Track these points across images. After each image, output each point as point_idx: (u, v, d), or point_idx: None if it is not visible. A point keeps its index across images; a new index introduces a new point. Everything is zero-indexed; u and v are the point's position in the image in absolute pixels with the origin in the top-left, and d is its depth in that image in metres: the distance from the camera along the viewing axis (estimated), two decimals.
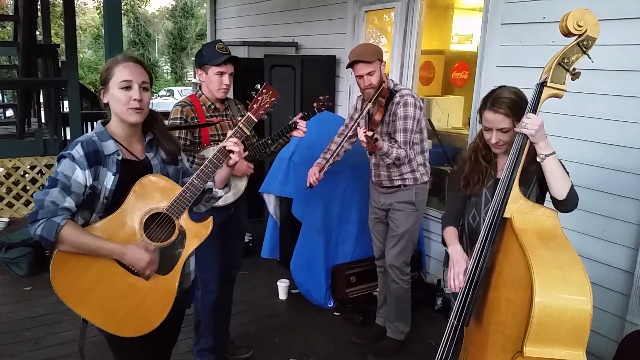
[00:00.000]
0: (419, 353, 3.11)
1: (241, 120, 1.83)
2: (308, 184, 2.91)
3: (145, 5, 29.00)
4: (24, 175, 5.63)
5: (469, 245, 1.97)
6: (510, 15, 3.26)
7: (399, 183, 2.94)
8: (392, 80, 2.97)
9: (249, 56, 5.39)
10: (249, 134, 1.85)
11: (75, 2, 6.57)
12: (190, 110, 2.54)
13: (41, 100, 7.43)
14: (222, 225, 2.57)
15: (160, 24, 29.45)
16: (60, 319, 3.36)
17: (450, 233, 2.00)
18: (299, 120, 2.65)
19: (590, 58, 1.73)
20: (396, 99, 2.83)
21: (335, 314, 3.61)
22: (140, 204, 1.68)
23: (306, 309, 3.65)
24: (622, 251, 2.77)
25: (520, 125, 1.72)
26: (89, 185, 1.62)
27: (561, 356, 1.52)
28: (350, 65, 2.82)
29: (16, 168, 5.53)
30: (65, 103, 6.47)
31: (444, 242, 2.04)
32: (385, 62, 2.88)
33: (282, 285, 3.80)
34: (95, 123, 1.83)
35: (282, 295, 3.80)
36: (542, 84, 1.73)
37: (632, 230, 2.72)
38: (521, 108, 1.78)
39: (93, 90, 10.03)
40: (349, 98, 4.71)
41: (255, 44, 5.58)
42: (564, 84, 1.72)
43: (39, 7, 6.84)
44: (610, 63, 2.67)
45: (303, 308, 3.67)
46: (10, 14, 10.82)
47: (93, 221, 1.67)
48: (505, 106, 1.82)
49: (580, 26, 1.67)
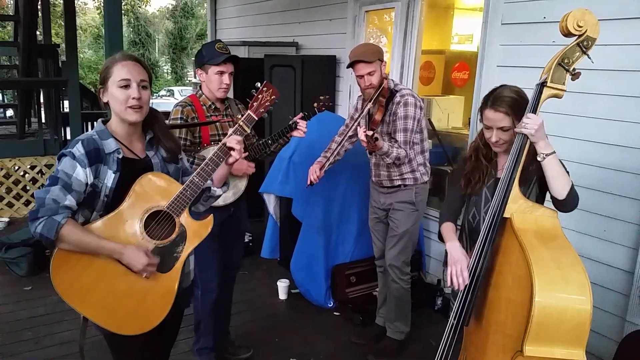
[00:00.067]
0: (419, 353, 3.11)
1: (241, 118, 1.83)
2: (309, 182, 2.91)
3: (145, 5, 29.02)
4: (24, 175, 5.64)
5: (469, 245, 1.97)
6: (510, 15, 3.26)
7: (399, 183, 2.95)
8: (393, 80, 2.97)
9: (249, 56, 5.39)
10: (249, 132, 1.84)
11: (75, 2, 6.57)
12: (191, 110, 2.54)
13: (41, 100, 7.42)
14: (222, 225, 2.57)
15: (161, 24, 29.45)
16: (60, 319, 3.36)
17: (448, 229, 2.00)
18: (299, 120, 2.65)
19: (590, 58, 1.73)
20: (396, 99, 2.83)
21: (335, 314, 3.61)
22: (141, 202, 1.68)
23: (306, 309, 3.65)
24: (622, 251, 2.77)
25: (520, 125, 1.72)
26: (89, 183, 1.62)
27: (561, 355, 1.53)
28: (351, 65, 2.82)
29: (16, 168, 5.53)
30: (66, 103, 6.47)
31: (440, 238, 2.04)
32: (385, 62, 2.88)
33: (282, 285, 3.80)
34: (95, 123, 1.83)
35: (282, 295, 3.80)
36: (542, 84, 1.73)
37: (632, 230, 2.72)
38: (522, 107, 1.78)
39: (93, 90, 10.02)
40: (349, 98, 4.71)
41: (255, 44, 5.58)
42: (564, 84, 1.72)
43: (39, 7, 6.84)
44: (611, 63, 2.67)
45: (303, 308, 3.67)
46: (11, 14, 10.81)
47: (93, 219, 1.67)
48: (506, 105, 1.82)
49: (580, 26, 1.68)
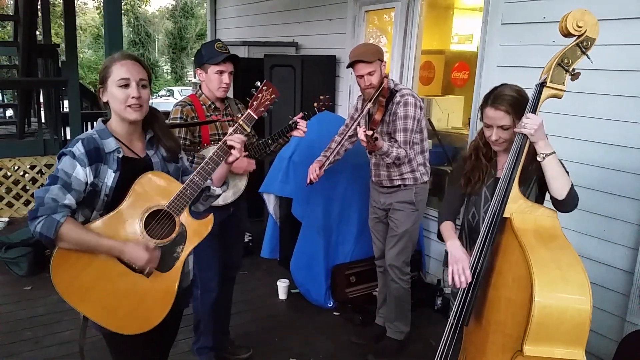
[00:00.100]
0: (418, 353, 3.11)
1: (241, 117, 1.83)
2: (308, 181, 2.90)
3: (145, 5, 29.01)
4: (23, 175, 5.63)
5: (469, 244, 1.97)
6: (510, 15, 3.26)
7: (399, 183, 2.95)
8: (393, 80, 2.97)
9: (249, 56, 5.39)
10: (249, 131, 1.84)
11: (75, 2, 6.56)
12: (190, 110, 2.54)
13: (41, 100, 7.42)
14: (222, 225, 2.56)
15: (160, 24, 29.44)
16: (59, 319, 3.36)
17: (448, 228, 1.99)
18: (299, 120, 2.65)
19: (589, 58, 1.73)
20: (396, 99, 2.83)
21: (335, 313, 3.61)
22: (141, 201, 1.68)
23: (306, 309, 3.65)
24: (622, 251, 2.77)
25: (520, 125, 1.72)
26: (89, 182, 1.62)
27: (561, 355, 1.53)
28: (351, 65, 2.82)
29: (16, 168, 5.53)
30: (65, 103, 6.47)
31: (439, 237, 2.04)
32: (385, 62, 2.88)
33: (282, 285, 3.80)
34: (95, 123, 1.83)
35: (282, 295, 3.80)
36: (542, 84, 1.73)
37: (632, 230, 2.72)
38: (522, 106, 1.78)
39: (93, 90, 10.02)
40: (349, 98, 4.71)
41: (255, 43, 5.58)
42: (563, 84, 1.73)
43: (39, 7, 6.84)
44: (611, 63, 2.67)
45: (303, 308, 3.67)
46: (10, 13, 10.81)
47: (94, 219, 1.67)
48: (507, 103, 1.82)
49: (579, 27, 1.68)
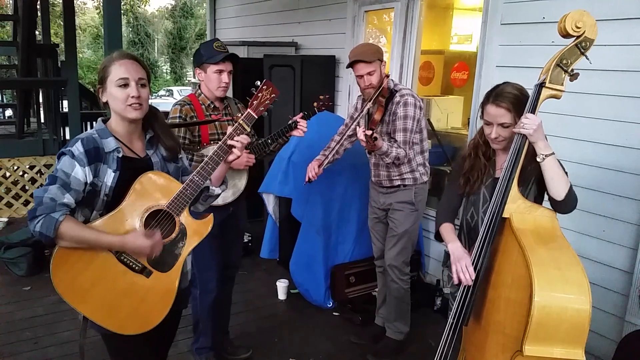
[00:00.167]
0: (418, 353, 3.11)
1: (241, 116, 1.83)
2: (307, 179, 2.90)
3: (144, 5, 29.00)
4: (23, 175, 5.63)
5: (468, 245, 1.97)
6: (510, 15, 3.26)
7: (398, 183, 2.95)
8: (392, 80, 2.97)
9: (248, 56, 5.38)
10: (249, 130, 1.84)
11: (74, 2, 6.56)
12: (190, 109, 2.54)
13: (40, 100, 7.42)
14: (222, 225, 2.56)
15: (160, 24, 29.44)
16: (59, 319, 3.36)
17: (448, 229, 1.99)
18: (299, 120, 2.65)
19: (588, 59, 1.73)
20: (396, 99, 2.83)
21: (334, 314, 3.61)
22: (141, 201, 1.68)
23: (305, 309, 3.65)
24: (622, 251, 2.77)
25: (519, 125, 1.72)
26: (88, 182, 1.62)
27: (560, 355, 1.53)
28: (351, 65, 2.82)
29: (15, 168, 5.53)
30: (65, 103, 6.47)
31: (437, 237, 2.04)
32: (385, 62, 2.88)
33: (282, 285, 3.79)
34: (94, 122, 1.83)
35: (282, 295, 3.80)
36: (541, 85, 1.74)
37: (632, 231, 2.72)
38: (524, 104, 1.78)
39: (92, 90, 10.03)
40: (349, 98, 4.71)
41: (254, 44, 5.58)
42: (562, 84, 1.73)
43: (38, 7, 6.84)
44: (610, 63, 2.67)
45: (302, 308, 3.67)
46: (10, 13, 10.81)
47: (93, 218, 1.67)
48: (508, 101, 1.82)
49: (578, 27, 1.68)
